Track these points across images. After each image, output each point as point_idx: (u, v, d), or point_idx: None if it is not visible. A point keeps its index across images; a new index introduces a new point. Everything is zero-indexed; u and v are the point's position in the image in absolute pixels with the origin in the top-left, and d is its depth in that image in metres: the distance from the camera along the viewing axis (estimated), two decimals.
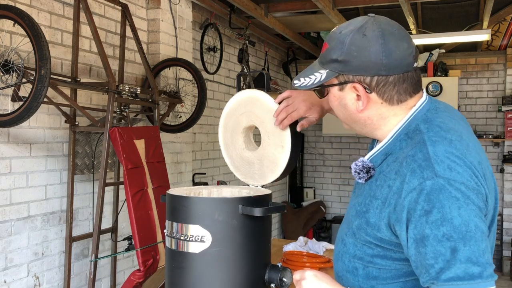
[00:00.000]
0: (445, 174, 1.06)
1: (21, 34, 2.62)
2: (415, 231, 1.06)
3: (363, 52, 1.15)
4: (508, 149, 6.31)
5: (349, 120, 1.27)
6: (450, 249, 1.02)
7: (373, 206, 1.18)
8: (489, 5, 4.49)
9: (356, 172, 1.24)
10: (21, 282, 2.79)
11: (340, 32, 1.19)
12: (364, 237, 1.20)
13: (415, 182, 1.07)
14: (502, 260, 6.30)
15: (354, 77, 1.18)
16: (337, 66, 1.18)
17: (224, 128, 1.61)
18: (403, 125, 1.21)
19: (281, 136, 1.45)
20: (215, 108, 5.02)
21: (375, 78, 1.16)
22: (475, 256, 1.02)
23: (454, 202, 1.03)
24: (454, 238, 1.02)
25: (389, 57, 1.14)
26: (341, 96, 1.23)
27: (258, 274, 1.33)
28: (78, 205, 3.14)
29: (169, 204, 1.35)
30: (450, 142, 1.12)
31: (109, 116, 2.83)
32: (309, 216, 6.92)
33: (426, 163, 1.08)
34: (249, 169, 1.55)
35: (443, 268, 1.03)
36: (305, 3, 4.59)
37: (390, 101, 1.19)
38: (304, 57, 7.27)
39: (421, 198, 1.05)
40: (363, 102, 1.19)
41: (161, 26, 3.78)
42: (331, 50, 1.19)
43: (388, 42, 1.15)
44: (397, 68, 1.16)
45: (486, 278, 1.02)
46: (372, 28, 1.16)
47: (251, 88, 1.54)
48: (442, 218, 1.03)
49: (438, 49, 6.41)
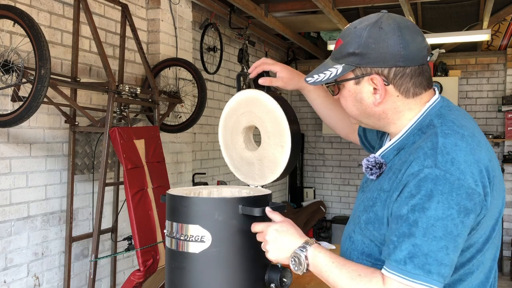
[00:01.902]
0: (445, 166, 1.07)
1: (21, 34, 2.62)
2: (396, 209, 1.11)
3: (381, 43, 1.16)
4: (508, 149, 6.31)
5: (363, 115, 1.26)
6: (411, 234, 1.06)
7: (380, 199, 1.19)
8: (489, 5, 4.49)
9: (368, 167, 1.24)
10: (21, 282, 2.79)
11: (355, 28, 1.20)
12: (372, 232, 1.20)
13: (416, 168, 1.10)
14: (502, 260, 6.30)
15: (372, 69, 1.18)
16: (354, 59, 1.19)
17: (224, 128, 1.60)
18: (417, 120, 1.21)
19: (281, 136, 1.45)
20: (215, 108, 5.02)
21: (393, 69, 1.17)
22: (427, 250, 1.05)
23: (437, 195, 1.05)
24: (418, 226, 1.06)
25: (406, 48, 1.16)
26: (357, 90, 1.22)
27: (258, 274, 1.33)
28: (78, 205, 3.14)
29: (169, 204, 1.35)
30: (463, 137, 1.13)
31: (109, 116, 2.83)
32: (309, 216, 6.92)
33: (431, 152, 1.10)
34: (249, 169, 1.55)
35: (397, 247, 1.08)
36: (305, 3, 4.59)
37: (406, 94, 1.20)
38: (304, 57, 7.27)
39: (412, 183, 1.08)
40: (381, 95, 1.20)
41: (161, 26, 3.77)
42: (346, 44, 1.20)
43: (405, 35, 1.16)
44: (414, 60, 1.17)
45: (427, 275, 1.05)
46: (388, 22, 1.18)
47: (251, 88, 1.54)
48: (421, 205, 1.06)
49: (438, 49, 6.41)
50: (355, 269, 1.15)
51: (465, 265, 1.16)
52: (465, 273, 1.16)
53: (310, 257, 1.18)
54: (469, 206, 1.07)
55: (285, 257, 1.22)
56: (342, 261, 1.17)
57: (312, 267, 1.19)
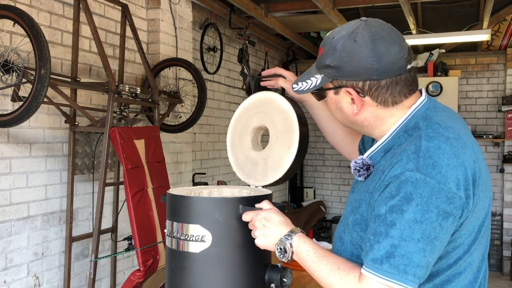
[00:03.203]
0: (426, 170, 1.09)
1: (21, 34, 2.62)
2: (375, 208, 1.13)
3: (354, 58, 1.17)
4: (508, 149, 6.31)
5: (347, 121, 1.30)
6: (387, 234, 1.09)
7: (365, 200, 1.21)
8: (489, 5, 4.49)
9: (356, 169, 1.27)
10: (21, 282, 2.79)
11: (333, 38, 1.22)
12: (359, 233, 1.22)
13: (398, 170, 1.11)
14: (502, 260, 6.30)
15: (347, 82, 1.20)
16: (331, 72, 1.21)
17: (234, 127, 1.62)
18: (402, 123, 1.23)
19: (289, 137, 1.46)
20: (215, 108, 5.02)
21: (367, 82, 1.18)
22: (404, 252, 1.07)
23: (416, 198, 1.07)
24: (396, 227, 1.08)
25: (379, 62, 1.16)
26: (337, 99, 1.26)
27: (258, 274, 1.33)
28: (78, 205, 3.14)
29: (169, 204, 1.35)
30: (447, 139, 1.13)
31: (109, 116, 2.83)
32: (309, 216, 6.92)
33: (414, 156, 1.11)
34: (253, 168, 1.55)
35: (373, 246, 1.10)
36: (305, 3, 4.59)
37: (384, 104, 1.22)
38: (304, 57, 7.27)
39: (394, 184, 1.11)
40: (357, 106, 1.22)
41: (161, 26, 3.77)
42: (325, 55, 1.22)
43: (378, 47, 1.16)
44: (389, 72, 1.17)
45: (402, 275, 1.07)
46: (363, 34, 1.18)
47: (266, 90, 1.59)
48: (399, 207, 1.08)
49: (438, 49, 6.41)
50: (335, 262, 1.18)
51: (452, 266, 1.17)
52: (453, 274, 1.18)
53: (295, 245, 1.22)
54: (449, 210, 1.08)
55: (272, 244, 1.25)
56: (324, 252, 1.20)
57: (295, 256, 1.22)
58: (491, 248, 6.39)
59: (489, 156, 6.48)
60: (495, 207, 6.45)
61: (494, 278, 6.10)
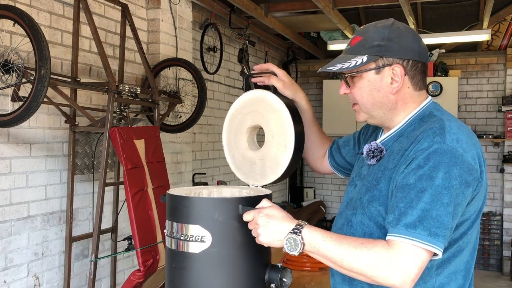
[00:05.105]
0: (452, 143, 1.21)
1: (21, 34, 2.62)
2: (402, 180, 1.22)
3: (402, 38, 1.33)
4: (508, 149, 6.31)
5: (377, 105, 1.36)
6: (419, 199, 1.17)
7: (385, 177, 1.29)
8: (489, 5, 4.49)
9: (371, 151, 1.36)
10: (21, 282, 2.79)
11: (375, 26, 1.36)
12: (377, 208, 1.28)
13: (425, 144, 1.23)
14: (502, 260, 6.30)
15: (393, 59, 1.32)
16: (379, 50, 1.32)
17: (229, 127, 1.61)
18: (418, 111, 1.36)
19: (285, 136, 1.45)
20: (215, 108, 5.02)
21: (411, 61, 1.33)
22: (435, 215, 1.15)
23: (444, 167, 1.18)
24: (427, 192, 1.17)
25: (420, 45, 1.34)
26: (377, 79, 1.34)
27: (258, 274, 1.33)
28: (78, 205, 3.14)
29: (169, 204, 1.35)
30: (462, 124, 1.30)
31: (109, 116, 2.83)
32: (309, 216, 6.92)
33: (440, 131, 1.24)
34: (251, 168, 1.55)
35: (405, 213, 1.17)
36: (305, 3, 4.59)
37: (415, 86, 1.36)
38: (304, 57, 7.27)
39: (421, 156, 1.21)
40: (399, 84, 1.33)
41: (161, 26, 3.77)
42: (368, 39, 1.33)
43: (416, 34, 1.36)
44: (424, 56, 1.35)
45: (434, 236, 1.14)
46: (401, 25, 1.36)
47: (258, 89, 1.57)
48: (428, 174, 1.18)
49: (438, 49, 6.41)
50: (356, 239, 1.22)
51: (458, 241, 1.27)
52: (457, 250, 1.27)
53: (306, 236, 1.24)
54: (469, 180, 1.20)
55: (278, 240, 1.26)
56: (339, 235, 1.25)
57: (309, 246, 1.24)
58: (491, 248, 6.39)
59: (489, 156, 6.48)
60: (495, 207, 6.45)
61: (494, 278, 6.10)
